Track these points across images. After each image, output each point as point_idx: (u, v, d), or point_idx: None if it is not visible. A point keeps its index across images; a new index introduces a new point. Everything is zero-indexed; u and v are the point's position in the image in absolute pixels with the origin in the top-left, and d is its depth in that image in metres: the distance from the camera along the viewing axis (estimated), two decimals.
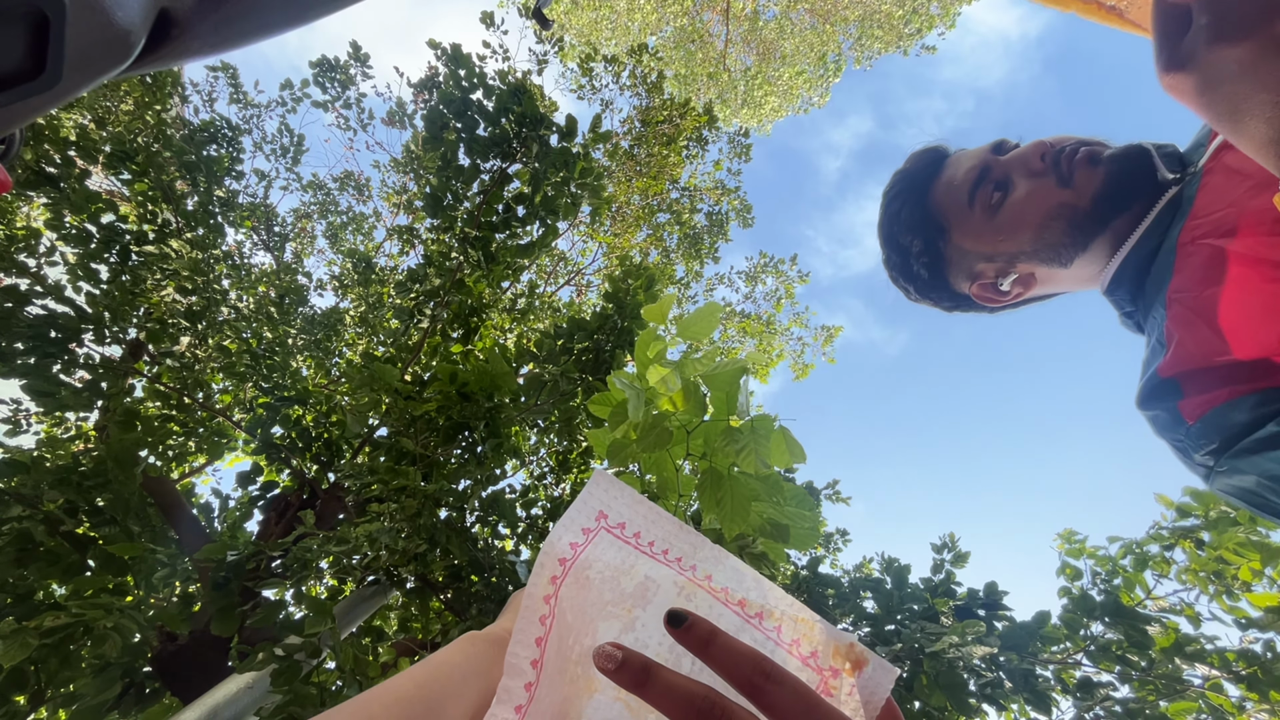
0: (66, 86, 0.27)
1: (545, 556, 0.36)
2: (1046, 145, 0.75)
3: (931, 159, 0.91)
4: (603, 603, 0.36)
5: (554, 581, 0.36)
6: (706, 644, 0.30)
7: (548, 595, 0.35)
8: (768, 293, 8.32)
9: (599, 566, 0.37)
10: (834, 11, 10.79)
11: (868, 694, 0.33)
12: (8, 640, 2.12)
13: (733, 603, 0.37)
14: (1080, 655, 2.91)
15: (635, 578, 0.37)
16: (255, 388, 4.06)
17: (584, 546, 0.37)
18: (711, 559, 0.38)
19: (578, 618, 0.36)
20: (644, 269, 3.97)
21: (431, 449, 3.45)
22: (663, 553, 0.38)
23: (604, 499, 0.39)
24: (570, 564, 0.37)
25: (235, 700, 2.51)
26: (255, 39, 0.39)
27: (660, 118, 6.80)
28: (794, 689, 0.28)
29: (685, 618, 0.32)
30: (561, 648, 0.35)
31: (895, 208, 0.92)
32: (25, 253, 3.30)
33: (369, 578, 3.21)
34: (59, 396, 3.02)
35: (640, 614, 0.36)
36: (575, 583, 0.36)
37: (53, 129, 3.28)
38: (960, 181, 0.83)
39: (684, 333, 1.62)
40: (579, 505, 0.38)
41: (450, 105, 3.69)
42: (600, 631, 0.36)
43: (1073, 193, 0.72)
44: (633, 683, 0.30)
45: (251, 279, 4.80)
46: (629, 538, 0.38)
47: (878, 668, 0.33)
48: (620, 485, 0.39)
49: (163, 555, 2.99)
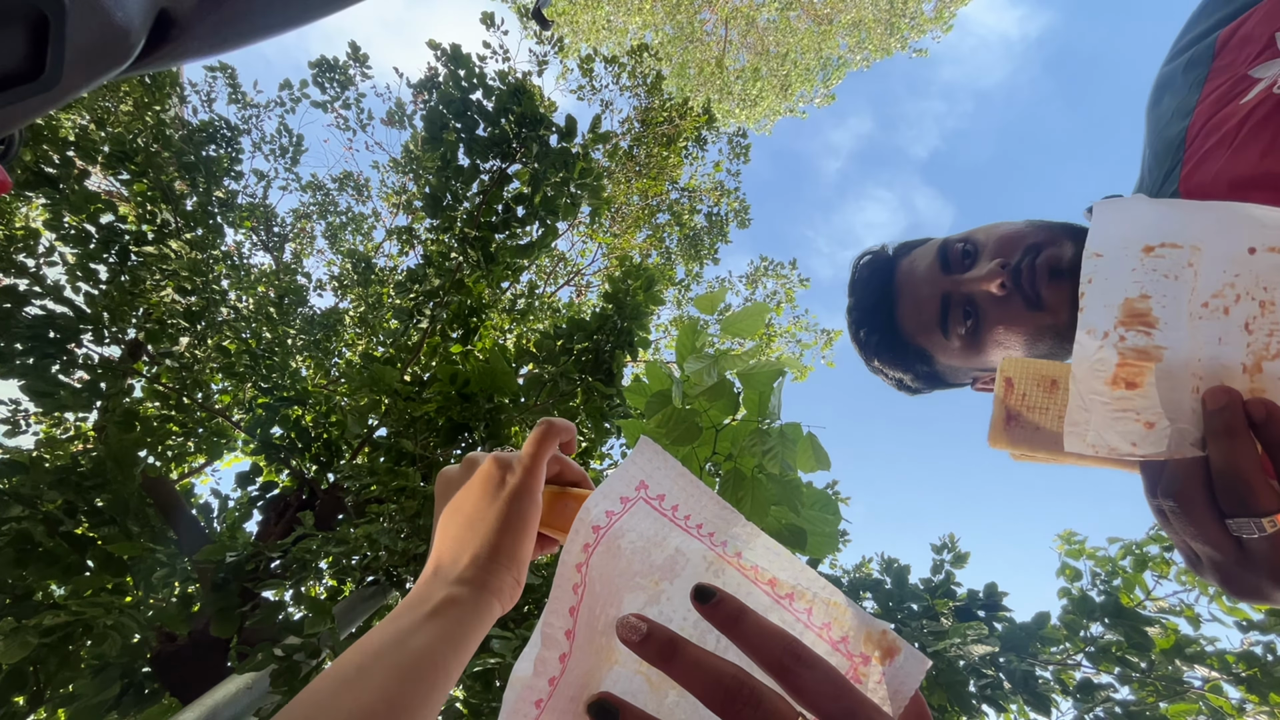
0: (66, 87, 0.27)
1: (580, 523, 0.35)
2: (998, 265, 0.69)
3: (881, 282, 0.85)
4: (631, 573, 0.36)
5: (586, 549, 0.35)
6: (735, 622, 0.30)
7: (580, 563, 0.34)
8: (768, 296, 8.33)
9: (631, 537, 0.36)
10: (830, 16, 10.81)
11: (897, 684, 0.32)
12: (7, 639, 2.12)
13: (762, 582, 0.36)
14: (1080, 656, 2.91)
15: (666, 550, 0.36)
16: (254, 388, 4.06)
17: (620, 515, 0.36)
18: (743, 536, 0.37)
19: (605, 587, 0.35)
20: (643, 270, 3.97)
21: (431, 449, 3.44)
22: (696, 527, 0.37)
23: (647, 468, 0.37)
24: (604, 532, 0.35)
25: (235, 701, 2.51)
26: (254, 39, 0.39)
27: (660, 118, 6.80)
28: (825, 673, 0.28)
29: (713, 593, 0.31)
30: (589, 617, 0.34)
31: (871, 344, 0.88)
32: (24, 253, 3.30)
33: (368, 578, 3.20)
34: (58, 397, 3.01)
35: (667, 587, 0.36)
36: (606, 551, 0.35)
37: (52, 129, 3.28)
38: (925, 313, 0.79)
39: (729, 329, 1.63)
40: (620, 473, 0.37)
41: (450, 105, 3.69)
42: (625, 603, 0.35)
43: (1047, 314, 0.68)
44: (658, 656, 0.29)
45: (251, 279, 4.80)
46: (666, 510, 0.37)
47: (909, 657, 0.33)
48: (665, 456, 0.38)
49: (162, 555, 2.98)
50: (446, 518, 0.46)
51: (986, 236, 0.75)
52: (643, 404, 1.64)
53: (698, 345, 1.62)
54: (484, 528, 0.43)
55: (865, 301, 0.87)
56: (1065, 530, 3.54)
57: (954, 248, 0.76)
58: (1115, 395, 0.38)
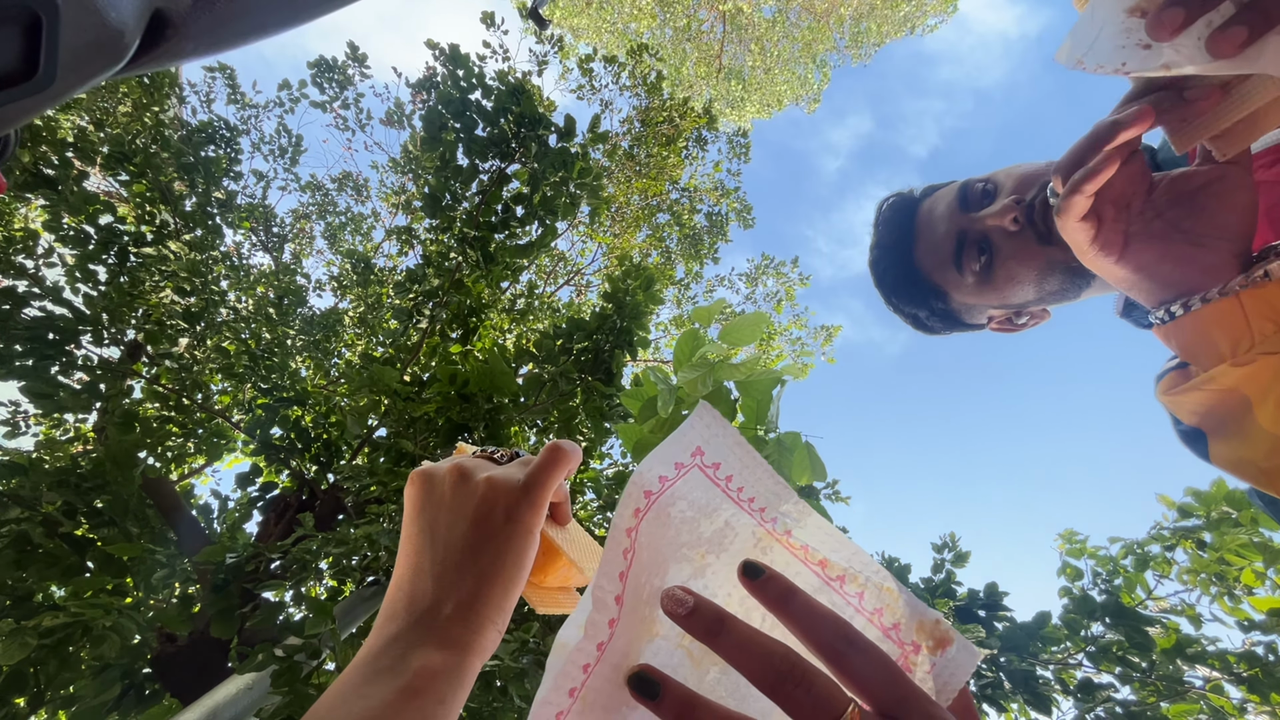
0: (60, 88, 0.27)
1: (632, 486, 0.34)
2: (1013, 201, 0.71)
3: (902, 221, 0.88)
4: (678, 544, 0.34)
5: (637, 514, 0.34)
6: (784, 601, 0.29)
7: (630, 528, 0.33)
8: (768, 294, 8.33)
9: (682, 505, 0.35)
10: (830, 10, 10.80)
11: (948, 675, 0.31)
12: (7, 641, 2.12)
13: (812, 562, 0.35)
14: (1081, 656, 2.91)
15: (715, 523, 0.35)
16: (254, 388, 4.06)
17: (673, 482, 0.35)
18: (794, 514, 0.36)
19: (651, 556, 0.34)
20: (643, 269, 3.96)
21: (431, 450, 3.44)
22: (748, 501, 0.36)
23: (705, 434, 0.36)
24: (655, 498, 0.34)
25: (235, 701, 2.51)
26: (251, 39, 0.39)
27: (660, 118, 6.80)
28: (877, 659, 0.27)
29: (762, 570, 0.30)
30: (635, 585, 0.33)
31: (888, 280, 0.91)
32: (23, 254, 3.30)
33: (369, 579, 3.20)
34: (57, 398, 3.01)
35: (713, 561, 0.35)
36: (656, 518, 0.34)
37: (50, 130, 3.28)
38: (941, 250, 0.81)
39: (727, 337, 1.63)
40: (676, 437, 0.36)
41: (449, 105, 3.69)
42: (670, 574, 0.34)
43: (1057, 249, 0.69)
44: (705, 631, 0.28)
45: (250, 280, 4.80)
46: (720, 480, 0.36)
47: (962, 649, 0.32)
48: (723, 423, 0.36)
49: (162, 556, 2.98)
50: (425, 539, 0.39)
51: (1007, 176, 0.76)
52: (638, 408, 1.64)
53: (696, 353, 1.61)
54: (475, 570, 0.37)
55: (886, 239, 0.89)
56: (1066, 529, 3.54)
57: (974, 187, 0.78)
58: (1128, 21, 0.39)
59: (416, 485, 0.41)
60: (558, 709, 0.30)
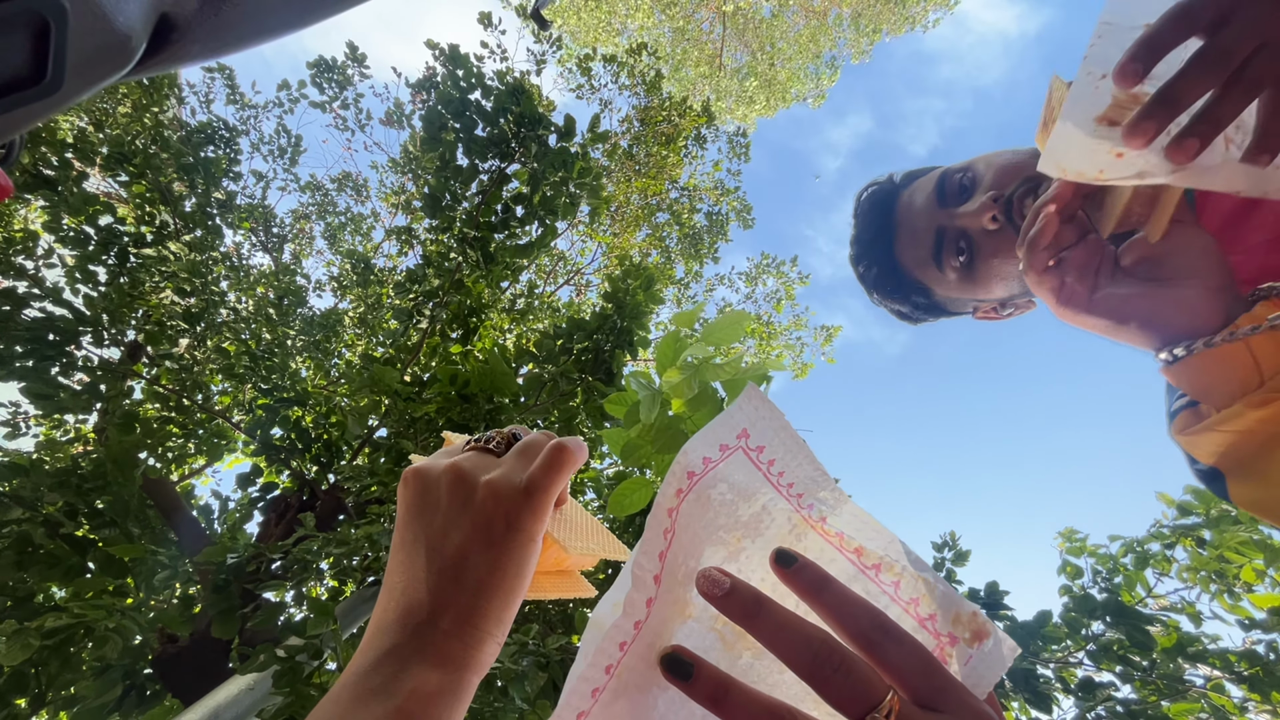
0: (68, 92, 0.27)
1: (677, 466, 0.34)
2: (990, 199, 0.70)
3: (881, 214, 0.86)
4: (715, 526, 0.34)
5: (679, 495, 0.33)
6: (818, 590, 0.28)
7: (671, 508, 0.33)
8: (768, 293, 8.33)
9: (722, 488, 0.35)
10: (830, 8, 10.80)
11: (984, 669, 0.31)
12: (9, 642, 2.12)
13: (848, 549, 0.35)
14: (1081, 655, 2.91)
15: (753, 507, 0.35)
16: (254, 389, 4.06)
17: (716, 463, 0.35)
18: (830, 501, 0.36)
19: (689, 537, 0.34)
20: (643, 269, 3.96)
21: (431, 450, 3.44)
22: (787, 486, 0.36)
23: (752, 417, 0.36)
24: (697, 479, 0.34)
25: (236, 702, 2.51)
26: (255, 42, 0.39)
27: (659, 118, 6.80)
28: (913, 649, 0.26)
29: (795, 558, 0.30)
30: (672, 565, 0.33)
31: (869, 276, 0.90)
32: (23, 255, 3.30)
33: (369, 579, 3.20)
34: (58, 399, 3.01)
35: (748, 545, 0.34)
36: (696, 500, 0.34)
37: (50, 132, 3.28)
38: (921, 246, 0.80)
39: (709, 338, 1.61)
40: (724, 419, 0.36)
41: (448, 105, 3.69)
42: (705, 556, 0.34)
43: None
44: (742, 614, 0.28)
45: (250, 280, 4.80)
46: (762, 464, 0.36)
47: (999, 642, 0.31)
48: (770, 405, 0.36)
49: (163, 557, 2.98)
50: (419, 547, 0.36)
51: (986, 166, 0.74)
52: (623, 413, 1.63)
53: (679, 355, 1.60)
54: (473, 581, 0.35)
55: (865, 235, 0.88)
56: (1066, 528, 3.54)
57: (952, 179, 0.76)
58: (1098, 129, 0.41)
59: (410, 487, 0.39)
60: (594, 685, 0.30)
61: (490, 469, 0.38)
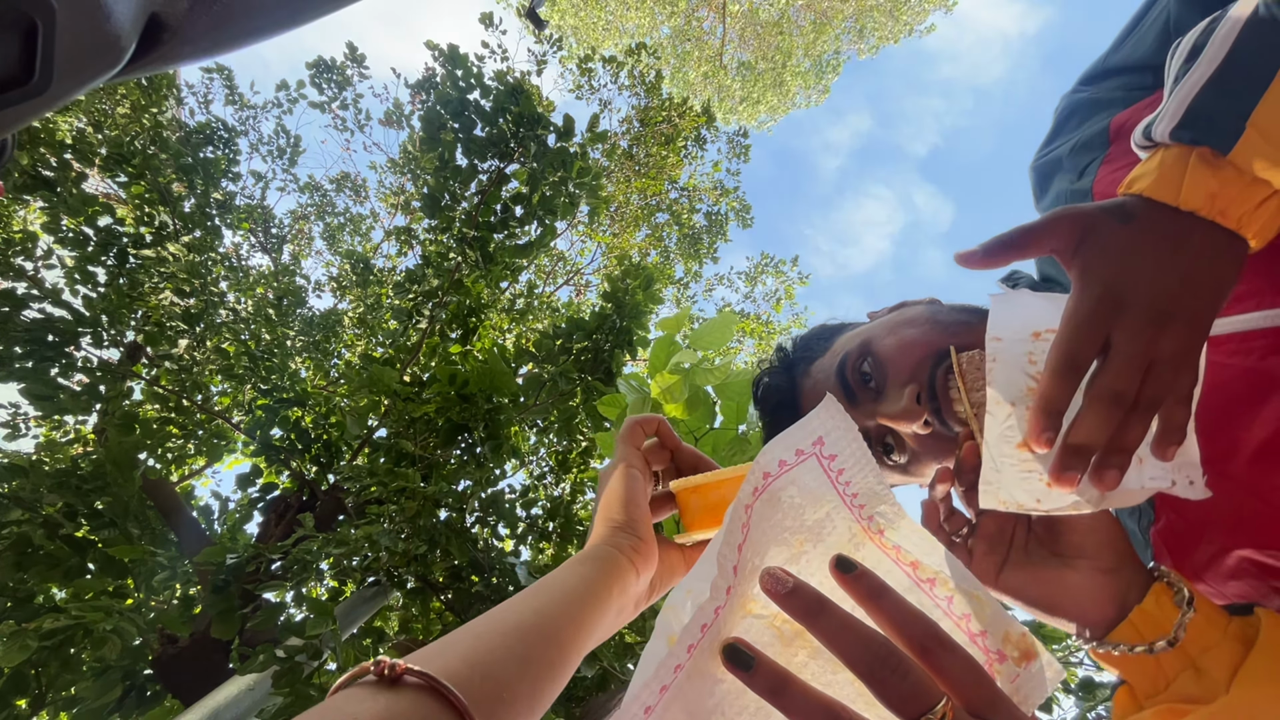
0: (57, 92, 0.27)
1: (756, 466, 0.36)
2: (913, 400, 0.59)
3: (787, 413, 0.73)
4: (782, 527, 0.36)
5: (755, 493, 0.35)
6: (876, 598, 0.29)
7: (748, 505, 0.35)
8: (768, 293, 8.32)
9: (792, 491, 0.36)
10: (831, 8, 10.79)
11: (1029, 688, 0.32)
12: (8, 643, 2.12)
13: (904, 563, 0.36)
14: (1082, 654, 2.91)
15: (819, 512, 0.36)
16: (254, 389, 4.06)
17: (790, 467, 0.37)
18: (889, 515, 0.37)
19: (759, 535, 0.35)
20: (643, 269, 3.96)
21: (431, 450, 3.44)
22: (852, 496, 0.37)
23: (828, 425, 0.37)
24: (772, 480, 0.36)
25: (237, 702, 2.51)
26: (248, 42, 0.39)
27: (659, 118, 6.80)
28: (966, 660, 0.27)
29: (854, 566, 0.31)
30: (744, 559, 0.34)
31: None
32: (22, 256, 3.30)
33: (369, 579, 3.20)
34: (57, 400, 3.01)
35: (809, 549, 0.36)
36: (769, 500, 0.36)
37: (49, 133, 3.28)
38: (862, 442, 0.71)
39: (698, 342, 1.62)
40: (802, 425, 0.37)
41: (447, 106, 3.69)
42: (769, 555, 0.36)
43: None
44: (804, 612, 0.29)
45: (249, 281, 4.80)
46: (832, 472, 0.37)
47: (1047, 664, 0.32)
48: (845, 417, 0.38)
49: (163, 558, 2.99)
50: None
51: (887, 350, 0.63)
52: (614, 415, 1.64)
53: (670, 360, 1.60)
54: (599, 502, 0.52)
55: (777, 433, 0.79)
56: None
57: (854, 370, 0.65)
58: (1022, 457, 0.42)
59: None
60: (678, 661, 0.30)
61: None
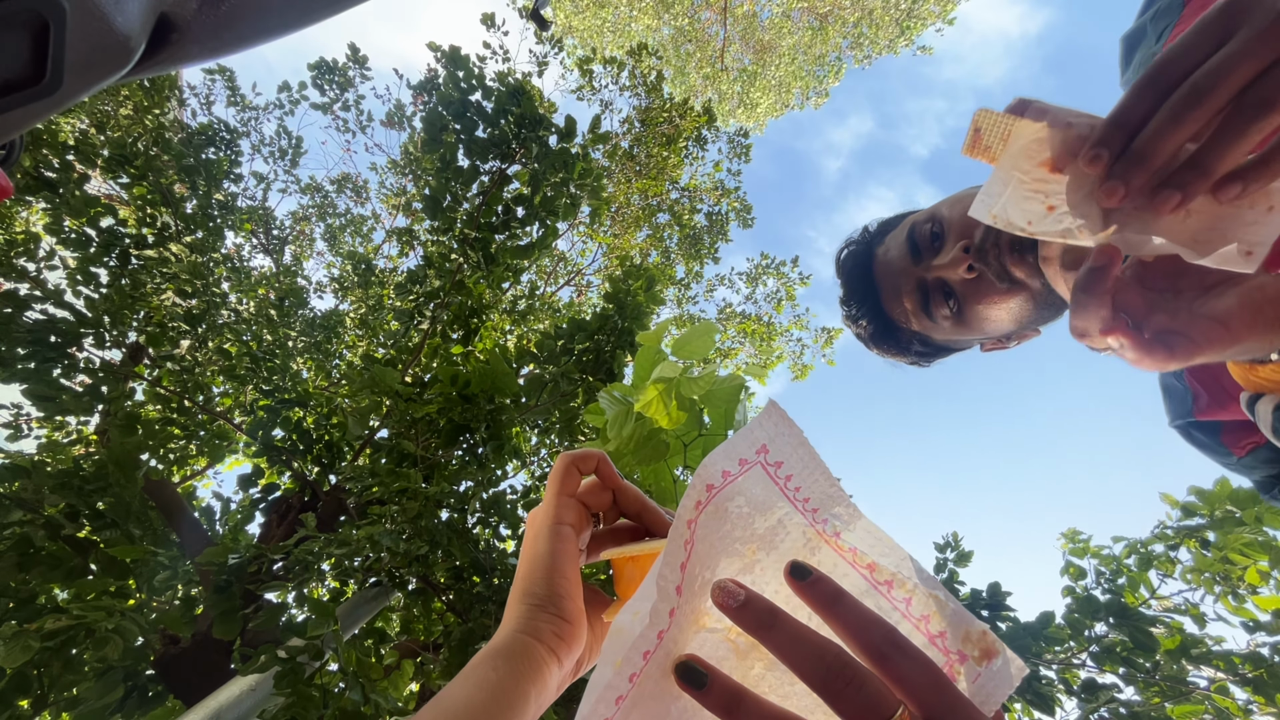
0: (67, 92, 0.27)
1: (697, 479, 0.35)
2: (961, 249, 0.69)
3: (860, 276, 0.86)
4: (731, 538, 0.35)
5: (698, 506, 0.34)
6: (831, 603, 0.29)
7: (691, 520, 0.34)
8: (768, 294, 8.32)
9: (740, 501, 0.35)
10: (832, 12, 10.80)
11: (991, 687, 0.31)
12: (10, 644, 2.12)
13: (860, 565, 0.35)
14: (1084, 656, 2.90)
15: (769, 520, 0.35)
16: (256, 390, 4.06)
17: (735, 477, 0.36)
18: (844, 517, 0.36)
19: (706, 548, 0.34)
20: (644, 269, 3.96)
21: (432, 451, 3.44)
22: (803, 501, 0.36)
23: (771, 433, 0.36)
24: (716, 492, 0.35)
25: (238, 702, 2.51)
26: (254, 43, 0.39)
27: (660, 118, 6.80)
28: (924, 665, 0.27)
29: (809, 571, 0.30)
30: (690, 576, 0.33)
31: (867, 336, 0.91)
32: (25, 257, 3.30)
33: (371, 579, 3.20)
34: (59, 401, 3.01)
35: (762, 558, 0.35)
36: (714, 512, 0.35)
37: (51, 134, 3.28)
38: (906, 301, 0.80)
39: (679, 352, 1.61)
40: (744, 434, 0.36)
41: (449, 107, 3.69)
42: (720, 567, 0.35)
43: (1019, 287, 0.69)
44: (756, 625, 0.28)
45: (251, 282, 4.80)
46: (780, 479, 0.36)
47: (1008, 662, 0.32)
48: (789, 422, 0.37)
49: (164, 558, 2.98)
50: None
51: (950, 212, 0.74)
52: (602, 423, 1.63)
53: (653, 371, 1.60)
54: (518, 570, 0.45)
55: (853, 296, 0.89)
56: (1069, 528, 3.53)
57: (921, 231, 0.76)
58: (1037, 176, 0.39)
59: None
60: (618, 693, 0.30)
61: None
